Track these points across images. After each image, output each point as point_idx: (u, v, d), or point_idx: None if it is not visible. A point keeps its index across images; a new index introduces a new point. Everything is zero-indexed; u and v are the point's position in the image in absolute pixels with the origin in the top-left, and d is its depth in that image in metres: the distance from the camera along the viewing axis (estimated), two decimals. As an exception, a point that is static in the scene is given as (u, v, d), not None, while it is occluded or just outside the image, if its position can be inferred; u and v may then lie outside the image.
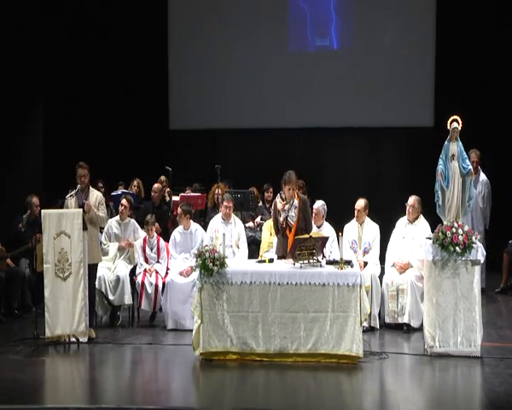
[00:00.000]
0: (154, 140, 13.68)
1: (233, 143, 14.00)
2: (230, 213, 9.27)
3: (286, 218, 7.98)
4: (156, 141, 13.69)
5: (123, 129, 13.64)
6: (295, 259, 7.53)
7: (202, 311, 7.41)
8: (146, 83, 13.68)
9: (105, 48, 13.62)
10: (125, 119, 13.66)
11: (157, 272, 9.17)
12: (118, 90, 13.62)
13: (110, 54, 13.63)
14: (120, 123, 13.64)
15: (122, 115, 13.66)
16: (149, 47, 13.70)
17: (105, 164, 12.52)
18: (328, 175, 13.63)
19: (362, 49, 13.43)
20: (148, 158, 13.19)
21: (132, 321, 9.20)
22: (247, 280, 7.38)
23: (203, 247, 7.63)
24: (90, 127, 13.43)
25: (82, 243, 8.04)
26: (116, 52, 13.64)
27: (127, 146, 13.54)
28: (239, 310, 7.39)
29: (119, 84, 13.63)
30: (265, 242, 9.32)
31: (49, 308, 7.95)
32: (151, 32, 13.73)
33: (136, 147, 13.52)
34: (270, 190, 11.29)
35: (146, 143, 13.59)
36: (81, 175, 8.44)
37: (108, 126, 13.57)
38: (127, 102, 13.67)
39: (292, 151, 13.60)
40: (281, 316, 7.33)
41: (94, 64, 13.56)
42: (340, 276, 7.31)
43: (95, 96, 13.52)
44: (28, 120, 12.36)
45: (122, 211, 9.38)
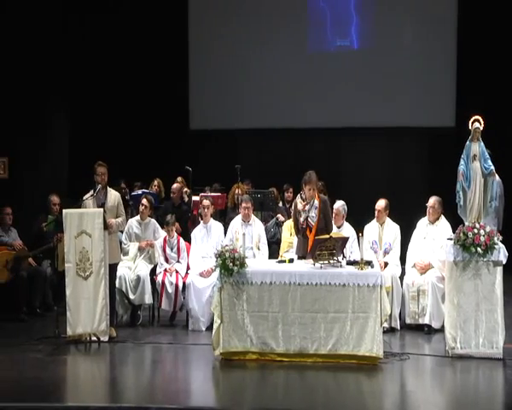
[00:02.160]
0: (175, 140, 13.71)
1: (253, 143, 14.00)
2: (249, 213, 9.26)
3: (306, 218, 7.97)
4: (176, 141, 13.73)
5: (143, 129, 13.69)
6: (315, 259, 7.51)
7: (222, 311, 7.42)
8: (166, 83, 13.72)
9: (126, 48, 13.68)
10: (146, 119, 13.72)
11: (177, 271, 9.19)
12: (139, 90, 13.67)
13: (131, 54, 13.69)
14: (141, 123, 13.69)
15: (143, 116, 13.71)
16: (170, 47, 13.75)
17: (126, 164, 12.58)
18: (349, 175, 13.59)
19: (382, 49, 13.36)
20: (169, 158, 13.22)
21: (153, 320, 9.23)
22: (267, 280, 7.37)
23: (223, 247, 7.62)
24: (112, 128, 13.50)
25: (103, 243, 8.07)
26: (137, 52, 13.70)
27: (148, 146, 13.59)
28: (259, 310, 7.39)
29: (140, 84, 13.68)
30: (285, 242, 9.31)
31: (71, 307, 8.00)
32: (171, 33, 13.77)
33: (156, 147, 13.57)
34: (290, 191, 11.29)
35: (166, 143, 13.64)
36: (101, 173, 8.46)
37: (129, 127, 13.63)
38: (148, 103, 13.72)
39: (312, 151, 13.57)
40: (301, 316, 7.32)
41: (115, 65, 13.63)
42: (361, 276, 7.28)
43: (116, 96, 13.59)
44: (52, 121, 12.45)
45: (142, 211, 9.41)
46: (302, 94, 13.58)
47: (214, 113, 13.90)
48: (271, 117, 13.70)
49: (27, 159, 11.41)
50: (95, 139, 13.21)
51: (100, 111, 13.49)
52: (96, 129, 13.38)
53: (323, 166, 12.11)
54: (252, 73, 13.78)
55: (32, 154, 11.56)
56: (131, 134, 13.64)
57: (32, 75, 11.42)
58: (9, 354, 7.80)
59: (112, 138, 13.37)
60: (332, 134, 13.59)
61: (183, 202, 11.06)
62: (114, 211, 8.49)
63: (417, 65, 13.27)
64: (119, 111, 13.60)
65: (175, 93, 13.81)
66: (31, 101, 11.37)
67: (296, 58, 13.63)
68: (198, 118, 14.07)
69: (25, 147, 11.33)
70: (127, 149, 13.41)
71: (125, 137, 13.56)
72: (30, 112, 11.38)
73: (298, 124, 13.59)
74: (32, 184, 11.37)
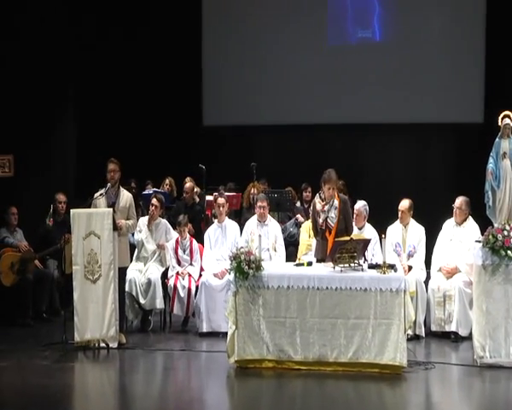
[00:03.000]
0: (187, 137, 13.73)
1: (270, 141, 13.99)
2: (265, 213, 9.26)
3: (325, 219, 7.95)
4: (189, 138, 13.74)
5: (155, 126, 13.71)
6: (335, 262, 7.49)
7: (237, 316, 7.41)
8: (178, 78, 13.73)
9: (138, 42, 13.70)
10: (157, 115, 13.73)
11: (190, 274, 9.19)
12: (150, 86, 13.68)
13: (143, 48, 13.71)
14: (152, 120, 13.71)
15: (154, 112, 13.73)
16: (183, 42, 13.75)
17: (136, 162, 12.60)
18: (370, 174, 13.53)
19: (406, 41, 13.29)
20: (181, 156, 13.24)
21: (164, 326, 9.24)
22: (285, 284, 7.36)
23: (238, 249, 7.62)
24: (122, 125, 13.52)
25: (112, 244, 8.09)
26: (149, 46, 13.71)
27: (159, 143, 13.61)
28: (276, 316, 7.37)
29: (151, 79, 13.70)
30: (304, 244, 9.29)
31: (79, 312, 8.03)
32: (184, 26, 13.77)
33: (168, 144, 13.59)
34: (309, 190, 11.27)
35: (178, 140, 13.65)
36: (111, 170, 8.48)
37: (140, 123, 13.65)
38: (160, 98, 13.73)
39: (331, 149, 13.53)
40: (320, 322, 7.30)
41: (126, 60, 13.65)
42: (383, 281, 7.24)
43: (126, 92, 13.60)
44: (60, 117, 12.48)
45: (153, 211, 9.42)
46: (321, 89, 13.54)
47: (229, 108, 13.90)
48: (289, 113, 13.68)
49: (34, 156, 11.44)
50: (104, 136, 13.25)
51: (109, 107, 13.52)
52: (106, 126, 13.41)
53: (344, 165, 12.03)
54: (268, 67, 13.77)
55: (38, 151, 11.59)
56: (142, 131, 13.66)
57: (39, 69, 11.47)
58: (15, 360, 7.84)
59: (122, 135, 13.40)
60: (353, 131, 13.53)
61: (197, 202, 11.07)
62: (125, 212, 8.50)
63: (443, 57, 13.19)
64: (129, 107, 13.62)
65: (188, 88, 13.82)
66: (37, 96, 11.42)
67: (315, 51, 13.59)
68: (212, 114, 14.08)
69: (31, 144, 11.37)
70: (137, 146, 13.44)
71: (136, 134, 13.59)
72: (36, 107, 11.42)
73: (317, 120, 13.55)
74: (38, 182, 11.40)
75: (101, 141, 13.14)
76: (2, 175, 10.93)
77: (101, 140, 13.17)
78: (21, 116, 11.09)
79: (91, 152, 12.92)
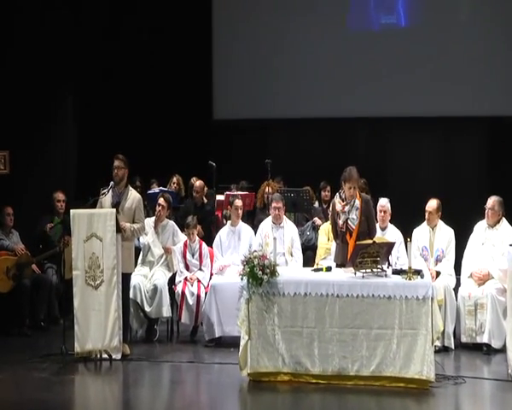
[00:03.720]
0: (196, 132, 13.74)
1: (285, 135, 13.99)
2: (280, 214, 9.27)
3: (346, 221, 7.96)
4: (198, 132, 13.75)
5: (161, 120, 13.72)
6: (356, 267, 7.49)
7: (250, 326, 7.42)
8: (186, 68, 13.73)
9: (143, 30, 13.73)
10: (164, 108, 13.74)
11: (199, 280, 9.21)
12: (156, 77, 13.69)
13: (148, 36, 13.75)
14: (158, 113, 13.72)
15: (160, 105, 13.73)
16: (191, 29, 13.72)
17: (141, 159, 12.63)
18: (395, 172, 13.50)
19: (434, 27, 13.24)
20: (189, 152, 13.26)
21: (171, 336, 9.27)
22: (302, 291, 7.37)
23: (251, 253, 7.63)
24: (126, 119, 13.55)
25: (115, 248, 8.12)
26: (154, 34, 13.74)
27: (166, 138, 13.63)
28: (292, 325, 7.38)
29: (156, 70, 13.71)
30: (322, 247, 9.31)
31: (79, 320, 8.07)
32: (193, 11, 13.78)
33: (175, 139, 13.60)
34: (328, 189, 11.27)
35: (187, 134, 13.66)
36: (115, 167, 8.50)
37: (145, 117, 13.66)
38: (165, 91, 13.74)
39: (353, 145, 13.52)
40: (340, 332, 7.30)
41: (130, 49, 13.68)
42: (409, 287, 7.24)
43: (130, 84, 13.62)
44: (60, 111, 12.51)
45: (159, 211, 9.46)
46: (342, 79, 13.52)
47: (241, 101, 13.91)
48: (306, 105, 13.66)
49: (31, 153, 11.50)
50: (107, 131, 13.29)
51: (112, 100, 13.55)
52: (109, 120, 13.44)
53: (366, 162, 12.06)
54: (283, 55, 13.75)
55: (36, 147, 11.65)
56: (147, 125, 13.69)
57: (37, 59, 11.52)
58: (10, 373, 7.88)
59: (126, 130, 13.42)
60: (376, 125, 13.51)
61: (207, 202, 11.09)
62: (130, 215, 8.48)
63: (476, 44, 13.11)
64: (133, 100, 13.64)
65: (196, 79, 13.82)
66: (35, 87, 11.47)
67: (334, 38, 13.57)
68: (222, 106, 14.09)
69: (28, 139, 11.42)
70: (142, 141, 13.46)
71: (141, 129, 13.61)
72: (34, 99, 11.47)
73: (337, 113, 13.52)
74: (36, 181, 11.46)
75: (103, 136, 13.18)
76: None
77: (103, 135, 13.21)
78: (18, 109, 11.15)
79: (93, 148, 12.97)
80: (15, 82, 11.13)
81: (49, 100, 11.89)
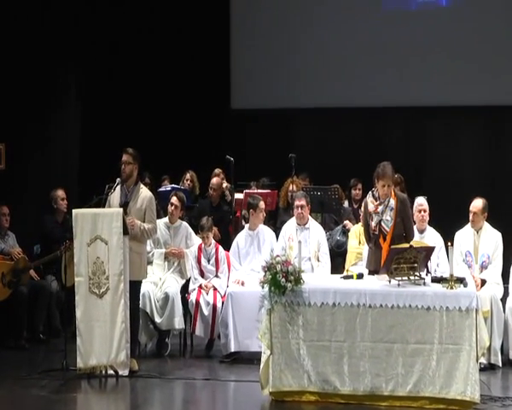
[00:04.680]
0: (212, 123, 13.77)
1: (311, 127, 13.99)
2: (304, 214, 9.24)
3: (379, 222, 7.93)
4: (214, 124, 13.79)
5: (173, 110, 13.78)
6: (391, 274, 7.46)
7: (272, 339, 7.41)
8: (201, 53, 13.77)
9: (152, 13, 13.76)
10: (176, 98, 13.79)
11: (215, 288, 9.22)
12: (166, 63, 13.74)
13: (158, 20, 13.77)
14: (169, 103, 13.78)
15: (172, 94, 13.79)
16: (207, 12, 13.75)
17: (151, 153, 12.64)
18: (434, 168, 13.47)
19: (479, 6, 13.23)
20: (205, 145, 13.29)
21: (184, 350, 9.28)
22: (330, 301, 7.36)
23: (274, 258, 7.62)
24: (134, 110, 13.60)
25: (122, 252, 8.13)
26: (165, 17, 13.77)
27: (178, 131, 13.68)
28: (319, 339, 7.37)
29: (167, 56, 13.76)
30: (353, 252, 9.30)
31: (82, 333, 8.08)
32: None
33: (188, 132, 13.65)
34: (359, 187, 11.25)
35: (201, 126, 13.70)
36: (122, 162, 8.50)
37: (155, 108, 13.73)
38: (178, 78, 13.79)
39: (387, 137, 13.50)
40: (372, 347, 7.28)
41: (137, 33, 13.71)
42: (450, 297, 7.20)
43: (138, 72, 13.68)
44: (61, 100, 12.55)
45: (172, 212, 9.47)
46: (375, 64, 13.51)
47: (261, 88, 13.93)
48: (334, 94, 13.68)
49: (29, 146, 11.56)
50: (114, 121, 13.33)
51: (121, 88, 13.60)
52: (116, 109, 13.50)
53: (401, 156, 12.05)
54: (308, 38, 13.76)
55: (34, 139, 11.71)
56: (158, 115, 13.74)
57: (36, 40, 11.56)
58: (6, 390, 7.91)
59: (135, 120, 13.48)
60: (413, 115, 13.48)
61: (224, 201, 11.09)
62: (140, 216, 8.45)
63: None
64: (142, 89, 13.70)
65: (212, 64, 13.86)
66: (35, 75, 11.52)
67: (367, 19, 13.57)
68: (241, 95, 14.13)
69: (26, 131, 11.48)
70: (152, 134, 13.52)
71: (151, 120, 13.67)
72: (33, 88, 11.52)
73: (369, 102, 13.53)
74: (34, 177, 11.52)
75: (109, 126, 13.23)
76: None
77: (109, 125, 13.26)
78: (14, 97, 11.20)
79: (98, 139, 13.02)
80: (11, 66, 11.16)
81: (49, 85, 11.94)
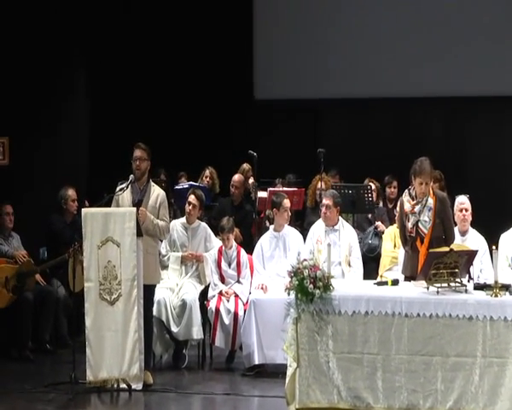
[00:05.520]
0: (234, 115, 13.78)
1: (341, 119, 13.99)
2: (330, 215, 9.20)
3: (416, 223, 7.91)
4: (236, 116, 13.79)
5: (190, 101, 13.79)
6: (430, 281, 7.44)
7: (299, 351, 7.40)
8: (222, 38, 13.77)
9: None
10: (194, 87, 13.80)
11: (237, 295, 9.24)
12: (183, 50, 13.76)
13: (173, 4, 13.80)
14: (187, 94, 13.79)
15: (189, 83, 13.79)
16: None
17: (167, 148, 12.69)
18: (477, 164, 13.40)
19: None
20: (225, 139, 13.31)
21: (203, 363, 9.31)
22: (362, 309, 7.34)
23: (300, 262, 7.63)
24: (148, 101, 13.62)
25: (136, 255, 8.16)
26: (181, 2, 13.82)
27: (196, 123, 13.70)
28: (350, 351, 7.35)
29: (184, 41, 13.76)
30: (387, 256, 9.30)
31: (92, 343, 8.11)
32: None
33: (208, 124, 13.67)
34: (394, 185, 11.22)
35: (222, 118, 13.71)
36: (136, 157, 8.54)
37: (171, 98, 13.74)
38: (196, 66, 13.80)
39: (425, 130, 13.45)
40: (409, 361, 7.25)
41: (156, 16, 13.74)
42: (495, 306, 7.17)
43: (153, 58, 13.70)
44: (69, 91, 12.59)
45: (190, 211, 9.50)
46: (411, 50, 13.47)
47: (287, 77, 13.93)
48: (367, 82, 13.66)
49: (35, 139, 11.62)
50: (126, 113, 13.37)
51: (134, 77, 13.61)
52: (128, 100, 13.53)
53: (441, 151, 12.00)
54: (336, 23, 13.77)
55: (41, 133, 11.77)
56: (174, 107, 13.76)
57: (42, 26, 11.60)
58: (9, 405, 7.95)
59: (149, 112, 13.51)
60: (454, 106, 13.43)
61: (247, 200, 11.09)
62: (154, 215, 8.52)
63: None
64: (158, 77, 13.72)
65: (234, 52, 13.85)
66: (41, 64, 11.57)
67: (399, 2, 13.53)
68: (265, 84, 14.13)
69: (31, 124, 11.54)
70: (168, 126, 13.55)
71: (166, 111, 13.69)
72: (40, 78, 11.57)
73: (405, 92, 13.49)
74: (40, 173, 11.58)
75: (121, 118, 13.26)
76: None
77: (121, 117, 13.29)
78: (19, 86, 11.26)
79: (109, 133, 13.06)
80: (16, 53, 11.21)
81: (57, 74, 11.98)
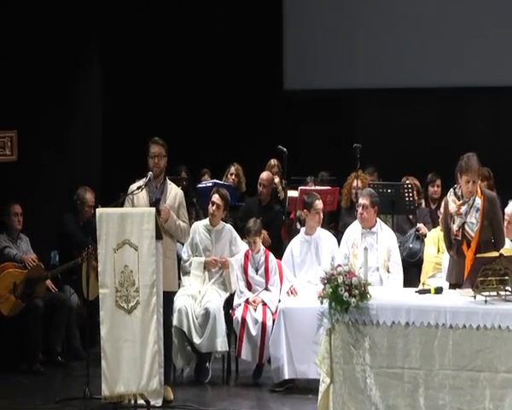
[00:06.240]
0: (261, 107, 13.80)
1: (379, 111, 14.00)
2: (366, 216, 9.19)
3: (463, 225, 7.88)
4: (264, 108, 13.81)
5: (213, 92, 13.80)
6: (477, 289, 7.41)
7: (333, 365, 7.41)
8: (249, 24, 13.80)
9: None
10: (217, 77, 13.83)
11: (265, 304, 9.25)
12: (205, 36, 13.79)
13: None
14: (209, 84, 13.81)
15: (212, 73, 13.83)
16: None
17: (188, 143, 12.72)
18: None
19: None
20: (252, 133, 13.31)
21: (228, 377, 9.32)
22: (402, 320, 7.33)
23: (334, 268, 7.62)
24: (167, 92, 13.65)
25: (155, 259, 8.16)
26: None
27: (220, 116, 13.71)
28: (389, 365, 7.34)
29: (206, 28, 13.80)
30: (430, 261, 9.29)
31: (107, 355, 8.12)
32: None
33: (233, 117, 13.68)
34: (438, 184, 11.19)
35: (248, 111, 13.73)
36: (154, 155, 8.55)
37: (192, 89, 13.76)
38: (220, 55, 13.84)
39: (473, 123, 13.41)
40: (454, 376, 7.22)
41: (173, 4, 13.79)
42: (549, 317, 7.16)
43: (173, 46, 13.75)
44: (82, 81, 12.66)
45: (213, 212, 9.50)
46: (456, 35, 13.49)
47: (319, 66, 13.98)
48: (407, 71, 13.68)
49: (45, 134, 11.67)
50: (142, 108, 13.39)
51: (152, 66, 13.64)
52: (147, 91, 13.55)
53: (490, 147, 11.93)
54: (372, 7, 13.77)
55: (51, 126, 11.82)
56: (196, 99, 13.78)
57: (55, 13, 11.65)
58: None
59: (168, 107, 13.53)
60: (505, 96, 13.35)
61: (276, 200, 11.09)
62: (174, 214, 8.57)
63: None
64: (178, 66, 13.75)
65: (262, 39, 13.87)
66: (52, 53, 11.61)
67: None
68: (296, 74, 14.18)
69: (42, 116, 11.59)
70: (190, 119, 13.57)
71: (188, 103, 13.72)
72: (50, 68, 11.62)
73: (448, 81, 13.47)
74: (50, 169, 11.62)
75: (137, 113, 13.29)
76: (2, 160, 11.14)
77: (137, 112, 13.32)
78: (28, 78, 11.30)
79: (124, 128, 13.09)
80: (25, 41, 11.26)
81: (69, 64, 12.04)
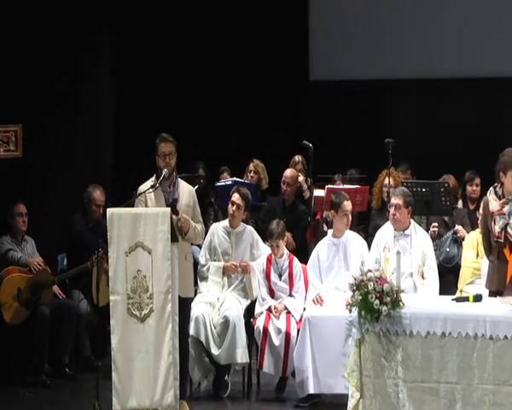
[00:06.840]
0: (285, 99, 13.81)
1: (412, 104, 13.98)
2: (403, 218, 9.17)
3: (505, 227, 7.82)
4: (288, 100, 13.82)
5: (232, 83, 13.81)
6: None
7: (362, 379, 7.42)
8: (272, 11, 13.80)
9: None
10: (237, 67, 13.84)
11: (289, 312, 9.23)
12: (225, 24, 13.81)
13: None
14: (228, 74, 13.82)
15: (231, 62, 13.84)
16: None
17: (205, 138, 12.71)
18: None
19: None
20: (275, 127, 13.30)
21: (249, 391, 9.33)
22: (438, 330, 7.33)
23: (364, 273, 7.59)
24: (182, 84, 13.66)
25: (170, 263, 8.16)
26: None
27: (240, 109, 13.71)
28: (423, 379, 7.34)
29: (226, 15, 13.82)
30: (468, 267, 9.26)
31: (119, 366, 8.13)
32: None
33: (254, 111, 13.68)
34: (477, 182, 11.16)
35: (271, 102, 13.73)
36: (165, 153, 8.55)
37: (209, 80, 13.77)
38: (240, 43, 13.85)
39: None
40: (494, 391, 7.22)
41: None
42: None
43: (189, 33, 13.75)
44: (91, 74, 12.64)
45: (233, 213, 9.50)
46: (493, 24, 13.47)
47: (347, 54, 13.97)
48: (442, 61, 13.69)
49: (52, 128, 11.69)
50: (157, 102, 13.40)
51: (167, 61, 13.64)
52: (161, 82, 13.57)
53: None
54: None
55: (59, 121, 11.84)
56: (214, 90, 13.78)
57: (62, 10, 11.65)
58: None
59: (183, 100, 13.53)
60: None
61: (301, 200, 11.08)
62: (190, 214, 8.59)
63: None
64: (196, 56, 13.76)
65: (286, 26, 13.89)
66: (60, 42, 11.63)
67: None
68: (322, 64, 14.19)
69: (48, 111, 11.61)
70: (207, 112, 13.57)
71: (205, 95, 13.71)
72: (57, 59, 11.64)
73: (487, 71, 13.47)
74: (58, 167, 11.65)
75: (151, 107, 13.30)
76: (6, 156, 11.17)
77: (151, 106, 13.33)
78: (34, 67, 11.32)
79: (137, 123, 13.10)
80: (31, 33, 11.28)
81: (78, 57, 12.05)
